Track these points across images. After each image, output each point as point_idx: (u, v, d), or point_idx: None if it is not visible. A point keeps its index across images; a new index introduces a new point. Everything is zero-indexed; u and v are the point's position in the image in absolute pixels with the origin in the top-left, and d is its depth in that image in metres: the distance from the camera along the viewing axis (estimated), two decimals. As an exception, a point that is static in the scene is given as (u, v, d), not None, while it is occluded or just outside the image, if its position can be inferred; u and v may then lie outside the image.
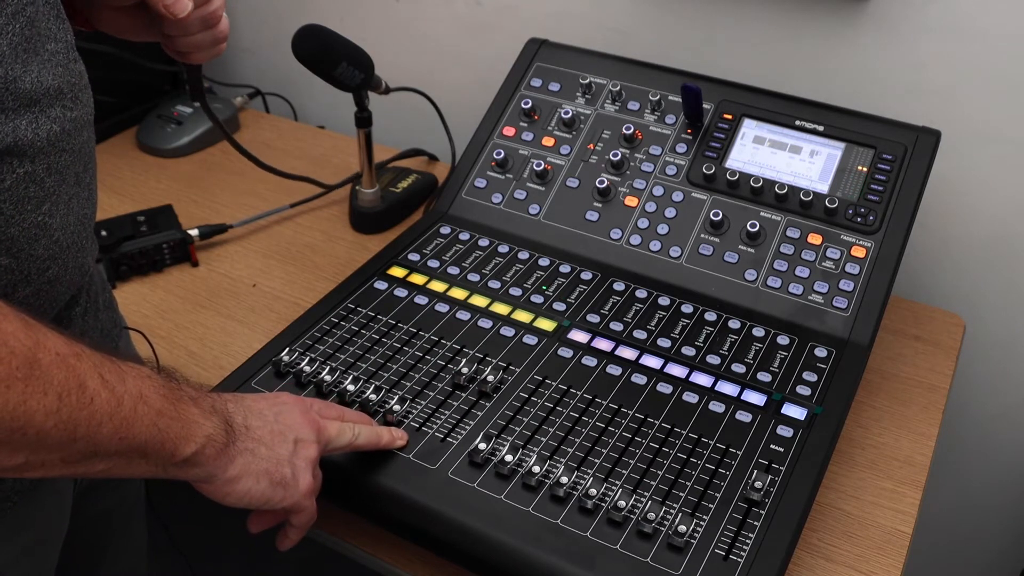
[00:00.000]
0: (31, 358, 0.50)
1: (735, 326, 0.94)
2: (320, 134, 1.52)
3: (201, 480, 0.63)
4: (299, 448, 0.69)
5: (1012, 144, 1.12)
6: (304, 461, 0.69)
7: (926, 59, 1.12)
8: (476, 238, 1.06)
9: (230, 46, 1.75)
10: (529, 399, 0.85)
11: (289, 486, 0.68)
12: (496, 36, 1.39)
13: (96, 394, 0.53)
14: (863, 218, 0.99)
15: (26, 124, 0.60)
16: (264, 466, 0.66)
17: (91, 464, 0.55)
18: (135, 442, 0.56)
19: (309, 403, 0.74)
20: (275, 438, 0.68)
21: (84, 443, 0.53)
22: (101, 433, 0.53)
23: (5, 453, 0.50)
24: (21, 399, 0.49)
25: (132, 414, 0.55)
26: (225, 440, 0.63)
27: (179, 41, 0.81)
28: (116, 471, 0.57)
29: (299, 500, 0.69)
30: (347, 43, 1.08)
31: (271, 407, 0.70)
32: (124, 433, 0.55)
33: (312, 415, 0.73)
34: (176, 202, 1.27)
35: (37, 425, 0.50)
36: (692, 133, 1.08)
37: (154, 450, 0.58)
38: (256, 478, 0.66)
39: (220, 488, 0.64)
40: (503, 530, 0.73)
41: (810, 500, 0.77)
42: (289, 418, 0.70)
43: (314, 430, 0.71)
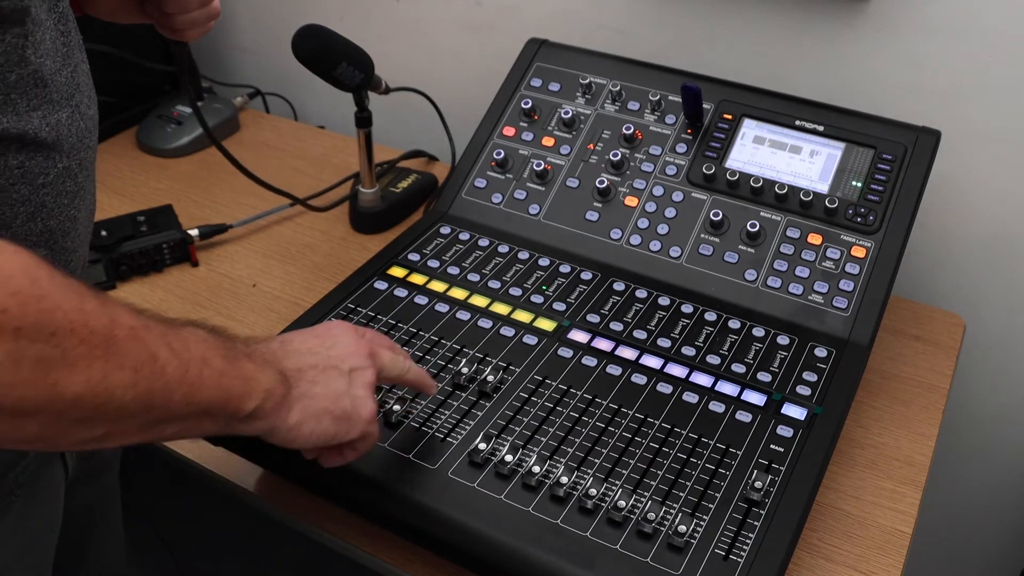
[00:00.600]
0: (109, 335, 0.51)
1: (735, 326, 0.94)
2: (320, 134, 1.52)
3: (263, 434, 0.64)
4: (355, 377, 0.70)
5: (1012, 144, 1.12)
6: (362, 388, 0.70)
7: (926, 59, 1.12)
8: (476, 238, 1.06)
9: (230, 46, 1.76)
10: (529, 399, 0.85)
11: (352, 418, 0.68)
12: (496, 36, 1.39)
13: (167, 363, 0.54)
14: (863, 218, 0.99)
15: (66, 118, 0.62)
16: (323, 405, 0.67)
17: (163, 429, 0.57)
18: (203, 404, 0.58)
19: (362, 331, 0.74)
20: (329, 374, 0.68)
21: (159, 411, 0.55)
22: (173, 400, 0.55)
23: (87, 427, 0.52)
24: (102, 376, 0.50)
25: (199, 378, 0.57)
26: (282, 391, 0.64)
27: (176, 19, 0.82)
28: (185, 433, 0.58)
29: (364, 428, 0.70)
30: (347, 43, 1.08)
31: (322, 342, 0.71)
32: (193, 397, 0.57)
33: (365, 342, 0.73)
34: (176, 202, 1.27)
35: (117, 400, 0.51)
36: (692, 133, 1.08)
37: (219, 409, 0.59)
38: (317, 419, 0.66)
39: (285, 436, 0.65)
40: (503, 530, 0.73)
41: (810, 500, 0.77)
42: (341, 349, 0.71)
43: (368, 356, 0.72)
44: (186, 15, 0.83)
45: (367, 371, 0.71)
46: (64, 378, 0.48)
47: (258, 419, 0.62)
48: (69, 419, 0.50)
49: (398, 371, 0.75)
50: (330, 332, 0.72)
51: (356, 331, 0.74)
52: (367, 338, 0.74)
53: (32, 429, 0.49)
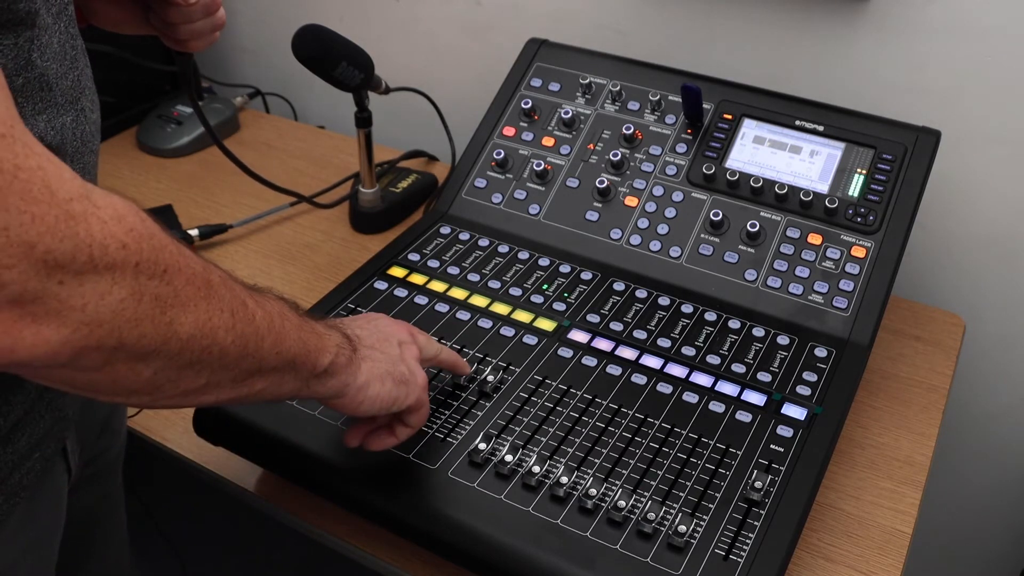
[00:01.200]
0: (207, 279, 0.53)
1: (735, 326, 0.94)
2: (320, 134, 1.52)
3: (335, 395, 0.66)
4: (404, 349, 0.73)
5: (1012, 144, 1.12)
6: (412, 359, 0.73)
7: (926, 59, 1.12)
8: (476, 238, 1.06)
9: (230, 46, 1.76)
10: (529, 399, 0.85)
11: (410, 382, 0.71)
12: (496, 36, 1.39)
13: (255, 311, 0.56)
14: (863, 218, 0.99)
15: (71, 122, 0.62)
16: (385, 367, 0.69)
17: (253, 383, 0.58)
18: (288, 355, 0.59)
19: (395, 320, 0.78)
20: (384, 342, 0.72)
21: (252, 359, 0.56)
22: (263, 347, 0.57)
23: (193, 374, 0.52)
24: (207, 317, 0.51)
25: (282, 329, 0.59)
26: (351, 348, 0.67)
27: (180, 29, 0.82)
28: (271, 390, 0.60)
29: (420, 395, 0.72)
30: (347, 43, 1.08)
31: (367, 324, 0.74)
32: (280, 347, 0.58)
33: (402, 324, 0.77)
34: (176, 202, 1.27)
35: (220, 342, 0.53)
36: (692, 133, 1.08)
37: (301, 362, 0.61)
38: (382, 380, 0.68)
39: (353, 398, 0.67)
40: (503, 530, 0.73)
41: (810, 500, 0.77)
42: (386, 327, 0.74)
43: (409, 334, 0.76)
44: (190, 26, 0.83)
45: (412, 346, 0.74)
46: (179, 316, 0.49)
47: (332, 376, 0.64)
48: (180, 362, 0.51)
49: (434, 351, 0.78)
50: (370, 316, 0.76)
51: (393, 319, 0.77)
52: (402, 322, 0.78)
53: (147, 374, 0.50)
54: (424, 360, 0.77)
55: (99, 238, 0.45)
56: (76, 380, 0.48)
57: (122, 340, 0.47)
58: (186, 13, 0.81)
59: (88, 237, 0.44)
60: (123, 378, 0.49)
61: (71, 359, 0.45)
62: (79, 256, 0.44)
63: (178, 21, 0.82)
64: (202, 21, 0.83)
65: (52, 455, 0.73)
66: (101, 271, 0.45)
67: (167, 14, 0.81)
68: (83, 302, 0.44)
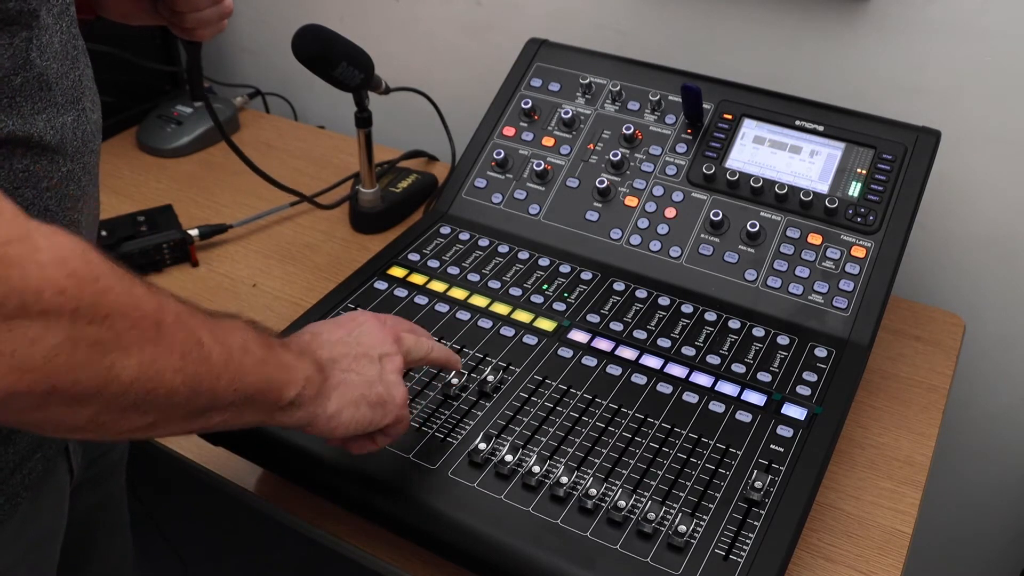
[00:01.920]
0: (158, 320, 0.51)
1: (735, 326, 0.94)
2: (320, 134, 1.52)
3: (303, 424, 0.65)
4: (385, 363, 0.71)
5: (1012, 144, 1.12)
6: (393, 374, 0.71)
7: (926, 59, 1.12)
8: (476, 238, 1.06)
9: (230, 46, 1.76)
10: (529, 399, 0.85)
11: (387, 403, 0.69)
12: (496, 36, 1.39)
13: (211, 349, 0.55)
14: (863, 218, 0.99)
15: (71, 122, 0.63)
16: (359, 392, 0.68)
17: (209, 418, 0.57)
18: (247, 391, 0.58)
19: (383, 317, 0.76)
20: (361, 362, 0.69)
21: (205, 397, 0.55)
22: (219, 385, 0.55)
23: (138, 414, 0.51)
24: (152, 359, 0.50)
25: (241, 365, 0.57)
26: (320, 379, 0.65)
27: (188, 18, 0.83)
28: (230, 422, 0.59)
29: (397, 413, 0.71)
30: (347, 43, 1.08)
31: (349, 332, 0.72)
32: (238, 384, 0.57)
33: (388, 328, 0.74)
34: (176, 202, 1.27)
35: (167, 383, 0.51)
36: (692, 133, 1.08)
37: (262, 397, 0.60)
38: (355, 405, 0.67)
39: (325, 425, 0.65)
40: (503, 530, 0.73)
41: (810, 500, 0.77)
42: (368, 337, 0.72)
43: (393, 341, 0.73)
44: (198, 14, 0.83)
45: (395, 357, 0.72)
46: (120, 360, 0.48)
47: (299, 408, 0.63)
48: (122, 404, 0.50)
49: (423, 352, 0.76)
50: (354, 320, 0.73)
51: (378, 318, 0.75)
52: (389, 324, 0.75)
53: (86, 414, 0.49)
54: (413, 362, 0.75)
55: (34, 283, 0.43)
56: (9, 420, 0.48)
57: (55, 385, 0.46)
58: (193, 1, 0.82)
59: (22, 282, 0.43)
60: (61, 418, 0.48)
61: (1, 401, 0.45)
62: (9, 302, 0.43)
63: (185, 10, 0.83)
64: (210, 9, 0.84)
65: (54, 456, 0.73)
66: (33, 317, 0.44)
67: (175, 2, 0.82)
68: (12, 348, 0.43)
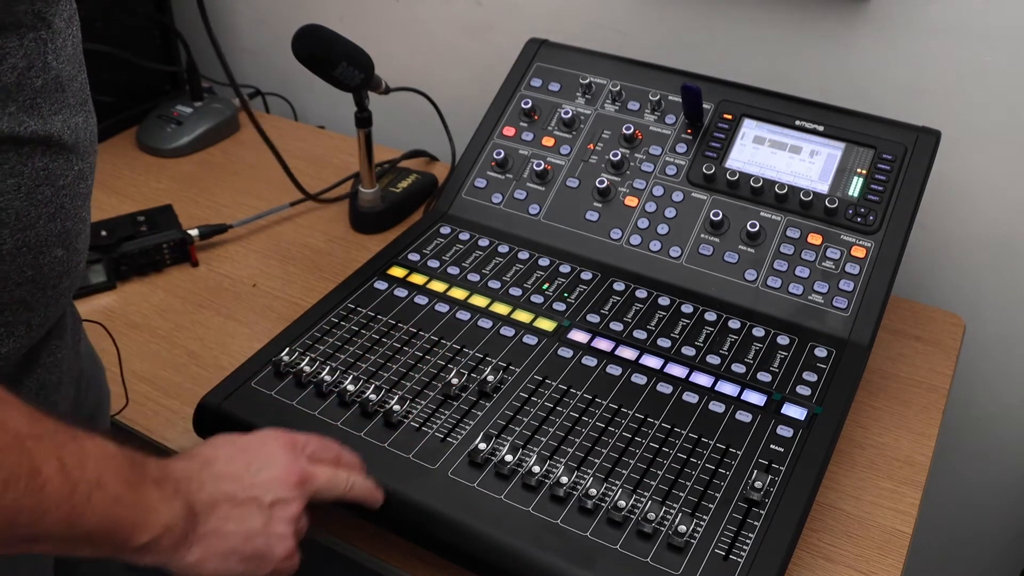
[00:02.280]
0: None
1: (735, 326, 0.94)
2: (320, 134, 1.52)
3: (156, 566, 0.60)
4: (276, 510, 0.65)
5: (1012, 144, 1.12)
6: (282, 524, 0.65)
7: (926, 59, 1.12)
8: (476, 238, 1.06)
9: (230, 46, 1.76)
10: (529, 399, 0.85)
11: (264, 557, 0.64)
12: (496, 36, 1.39)
13: (49, 480, 0.50)
14: (863, 218, 0.99)
15: (82, 122, 0.64)
16: (232, 544, 0.63)
17: (32, 546, 0.52)
18: (83, 530, 0.53)
19: (302, 444, 0.70)
20: (246, 509, 0.64)
21: (26, 529, 0.50)
22: (46, 520, 0.50)
23: None
24: None
25: (85, 502, 0.52)
26: (184, 528, 0.60)
27: None
28: (64, 551, 0.54)
29: (276, 566, 0.65)
30: (347, 43, 1.08)
31: (249, 465, 0.66)
32: (73, 520, 0.52)
33: (299, 464, 0.68)
34: (176, 202, 1.27)
35: None
36: (692, 133, 1.08)
37: (104, 538, 0.55)
38: (223, 558, 0.62)
39: (183, 571, 0.61)
40: (503, 530, 0.73)
41: (810, 500, 0.77)
42: (269, 473, 0.66)
43: (298, 483, 0.67)
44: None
45: (292, 504, 0.66)
46: None
47: (150, 553, 0.58)
48: None
49: (339, 491, 0.70)
50: (263, 449, 0.67)
51: (293, 448, 0.69)
52: (307, 452, 0.69)
53: None
54: (326, 500, 0.69)
55: None
56: None
57: None
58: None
59: None
60: None
61: None
62: None
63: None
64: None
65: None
66: None
67: None
68: None
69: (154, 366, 1.02)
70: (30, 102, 0.59)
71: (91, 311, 1.10)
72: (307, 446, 0.71)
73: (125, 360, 1.02)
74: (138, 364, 1.02)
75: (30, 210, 0.60)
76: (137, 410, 0.97)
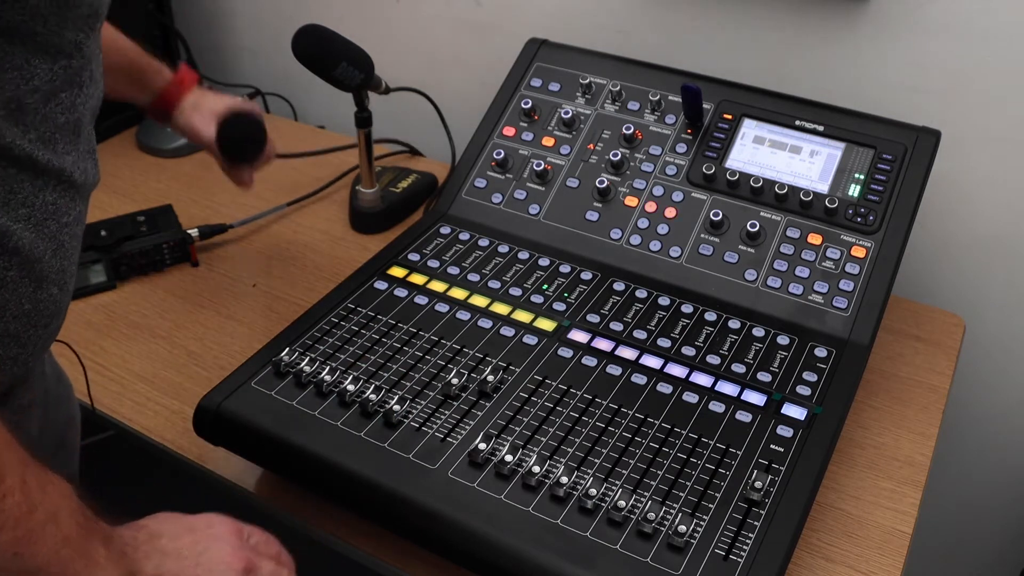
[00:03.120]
0: None
1: (735, 326, 0.94)
2: (320, 134, 1.52)
3: None
4: None
5: (1012, 144, 1.12)
6: None
7: (926, 59, 1.12)
8: (476, 238, 1.06)
9: (230, 46, 1.76)
10: (529, 399, 0.85)
11: None
12: (496, 36, 1.39)
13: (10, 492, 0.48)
14: (863, 218, 0.99)
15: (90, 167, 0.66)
16: None
17: None
18: (31, 563, 0.50)
19: (247, 533, 0.69)
20: None
21: None
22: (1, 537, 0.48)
23: None
24: None
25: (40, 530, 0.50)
26: None
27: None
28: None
29: None
30: (347, 43, 1.08)
31: (194, 546, 0.64)
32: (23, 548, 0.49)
33: (245, 552, 0.67)
34: (176, 202, 1.27)
35: None
36: (692, 133, 1.08)
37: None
38: None
39: None
40: (503, 530, 0.73)
41: (810, 500, 0.77)
42: (213, 556, 0.64)
43: (244, 570, 0.65)
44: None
45: None
46: None
47: None
48: None
49: None
50: (209, 531, 0.66)
51: (239, 535, 0.68)
52: (251, 543, 0.68)
53: None
54: None
55: None
56: None
57: None
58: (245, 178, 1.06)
59: None
60: None
61: None
62: None
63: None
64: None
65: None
66: None
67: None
68: None
69: (154, 366, 1.02)
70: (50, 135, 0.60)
71: (91, 311, 1.10)
72: (251, 536, 0.69)
73: (125, 360, 1.02)
74: (138, 364, 1.02)
75: (38, 243, 0.61)
76: (137, 410, 0.97)
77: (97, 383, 0.98)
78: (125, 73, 1.01)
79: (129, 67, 1.02)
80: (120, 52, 1.01)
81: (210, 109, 1.05)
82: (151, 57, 1.04)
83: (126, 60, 1.01)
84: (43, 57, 0.57)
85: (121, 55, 1.00)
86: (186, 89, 1.05)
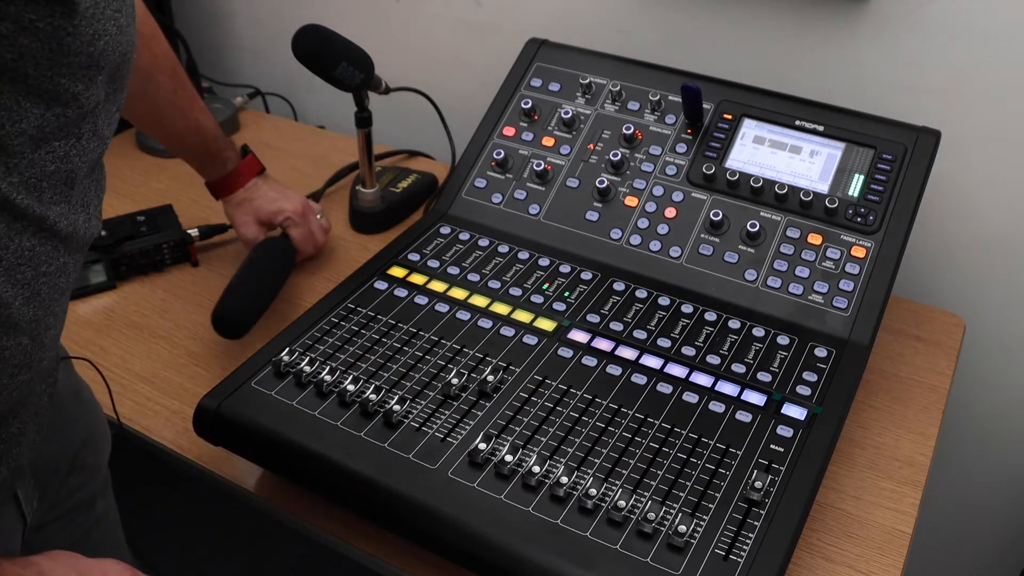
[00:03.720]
0: None
1: (735, 326, 0.94)
2: (320, 134, 1.52)
3: None
4: None
5: (1012, 144, 1.12)
6: None
7: (926, 59, 1.12)
8: (476, 238, 1.06)
9: (230, 46, 1.76)
10: (529, 399, 0.85)
11: None
12: (496, 36, 1.39)
13: None
14: (863, 218, 0.99)
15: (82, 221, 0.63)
16: None
17: None
18: None
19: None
20: None
21: None
22: None
23: None
24: None
25: None
26: None
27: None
28: None
29: None
30: (347, 43, 1.08)
31: None
32: None
33: None
34: (176, 202, 1.27)
35: None
36: (692, 133, 1.08)
37: None
38: None
39: None
40: (503, 530, 0.73)
41: (810, 500, 0.77)
42: None
43: None
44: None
45: None
46: None
47: None
48: None
49: None
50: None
51: None
52: None
53: None
54: None
55: None
56: None
57: None
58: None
59: None
60: None
61: None
62: None
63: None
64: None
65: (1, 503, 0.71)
66: None
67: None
68: None
69: (154, 366, 1.02)
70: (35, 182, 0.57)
71: (91, 311, 1.10)
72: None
73: (125, 360, 1.02)
74: (138, 364, 1.02)
75: (7, 288, 0.58)
76: (137, 410, 0.97)
77: (97, 383, 0.98)
78: (196, 156, 1.10)
79: (204, 153, 1.10)
80: (199, 133, 1.08)
81: (255, 212, 1.13)
82: (226, 142, 1.11)
83: (203, 147, 1.09)
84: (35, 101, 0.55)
85: (199, 138, 1.08)
86: (243, 183, 1.12)
